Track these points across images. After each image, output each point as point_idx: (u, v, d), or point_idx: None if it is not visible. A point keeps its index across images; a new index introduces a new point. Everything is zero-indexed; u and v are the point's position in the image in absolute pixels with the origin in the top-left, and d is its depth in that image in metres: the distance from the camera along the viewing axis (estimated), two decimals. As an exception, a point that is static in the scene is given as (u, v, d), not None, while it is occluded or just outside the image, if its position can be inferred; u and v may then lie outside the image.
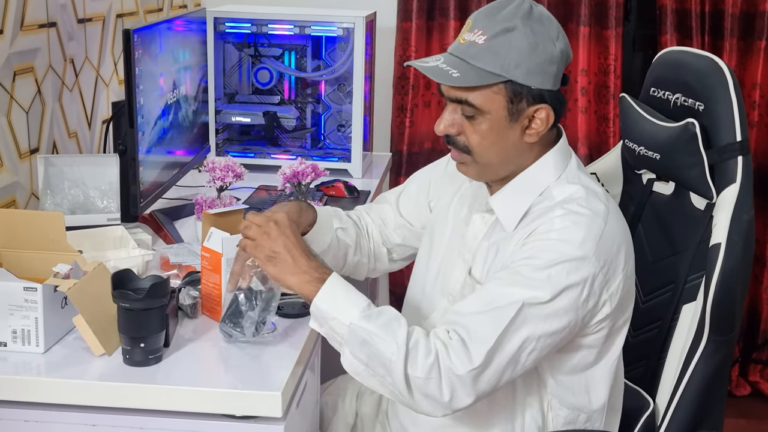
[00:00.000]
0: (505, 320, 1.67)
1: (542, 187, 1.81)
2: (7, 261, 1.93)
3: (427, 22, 3.77)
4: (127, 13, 3.20)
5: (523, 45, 1.71)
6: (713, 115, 1.94)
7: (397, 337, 1.67)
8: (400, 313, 1.74)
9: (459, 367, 1.65)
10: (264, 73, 3.34)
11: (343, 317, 1.70)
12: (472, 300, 1.74)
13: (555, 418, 1.84)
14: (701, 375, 1.89)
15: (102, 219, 2.38)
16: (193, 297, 1.97)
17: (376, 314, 1.71)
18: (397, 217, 2.13)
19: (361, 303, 1.72)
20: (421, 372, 1.65)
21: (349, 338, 1.69)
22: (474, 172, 1.84)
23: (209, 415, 1.68)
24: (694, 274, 1.97)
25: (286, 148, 3.33)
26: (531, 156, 1.82)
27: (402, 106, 3.83)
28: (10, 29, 2.41)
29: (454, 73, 1.73)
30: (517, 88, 1.73)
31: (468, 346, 1.66)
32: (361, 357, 1.69)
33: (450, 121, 1.80)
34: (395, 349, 1.66)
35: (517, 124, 1.76)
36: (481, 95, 1.74)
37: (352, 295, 1.73)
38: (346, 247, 2.08)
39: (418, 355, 1.66)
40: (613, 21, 3.72)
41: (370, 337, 1.68)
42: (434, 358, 1.66)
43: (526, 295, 1.68)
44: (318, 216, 2.00)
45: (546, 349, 1.72)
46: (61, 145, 2.74)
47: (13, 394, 1.69)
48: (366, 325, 1.68)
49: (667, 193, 2.10)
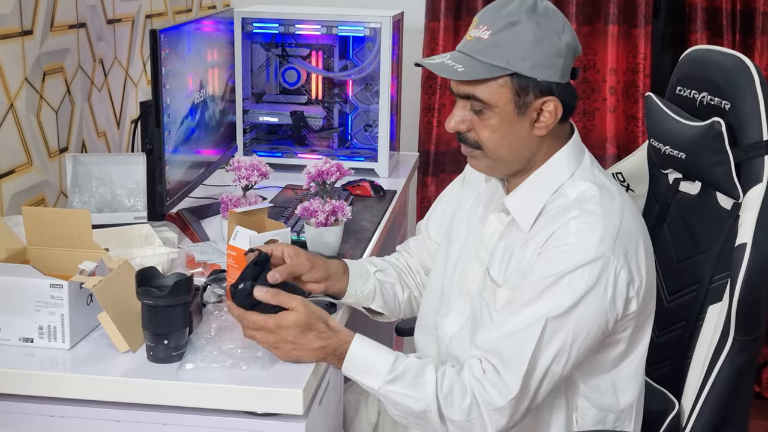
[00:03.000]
0: (533, 341, 1.67)
1: (556, 185, 1.80)
2: (35, 258, 1.95)
3: (454, 21, 3.77)
4: (156, 13, 3.22)
5: (528, 38, 1.72)
6: (739, 114, 1.92)
7: (426, 392, 1.70)
8: (425, 359, 1.78)
9: (498, 400, 1.68)
10: (291, 72, 3.35)
11: (371, 384, 1.74)
12: (498, 323, 1.74)
13: (583, 418, 1.84)
14: (727, 375, 1.87)
15: (129, 217, 2.39)
16: (218, 295, 1.98)
17: (401, 374, 1.73)
18: (429, 242, 2.15)
19: (385, 365, 1.73)
20: (460, 415, 1.69)
21: (383, 400, 1.75)
22: (485, 166, 1.84)
23: (231, 412, 1.69)
24: (719, 274, 1.95)
25: (313, 148, 3.34)
26: (542, 150, 1.82)
27: (429, 106, 3.83)
28: (40, 30, 2.44)
29: (459, 68, 1.74)
30: (523, 81, 1.74)
31: (502, 376, 1.68)
32: (399, 413, 1.74)
33: (460, 117, 1.80)
34: (425, 405, 1.70)
35: (525, 117, 1.77)
36: (488, 89, 1.75)
37: (374, 359, 1.75)
38: (392, 287, 2.11)
39: (454, 400, 1.69)
40: (642, 19, 3.70)
41: (401, 399, 1.72)
42: (471, 398, 1.68)
43: (548, 307, 1.68)
44: (350, 266, 2.03)
45: (582, 355, 1.73)
46: (90, 145, 2.76)
47: (39, 389, 1.71)
48: (393, 388, 1.72)
49: (693, 192, 2.09)
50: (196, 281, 1.89)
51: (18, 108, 2.35)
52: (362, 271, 2.06)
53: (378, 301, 2.07)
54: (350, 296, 2.03)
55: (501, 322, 1.73)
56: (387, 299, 2.09)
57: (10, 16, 2.30)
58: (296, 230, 2.39)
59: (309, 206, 2.28)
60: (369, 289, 2.05)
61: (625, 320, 1.77)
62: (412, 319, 2.20)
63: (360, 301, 2.05)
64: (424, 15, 3.76)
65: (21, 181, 2.38)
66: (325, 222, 2.26)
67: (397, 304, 2.12)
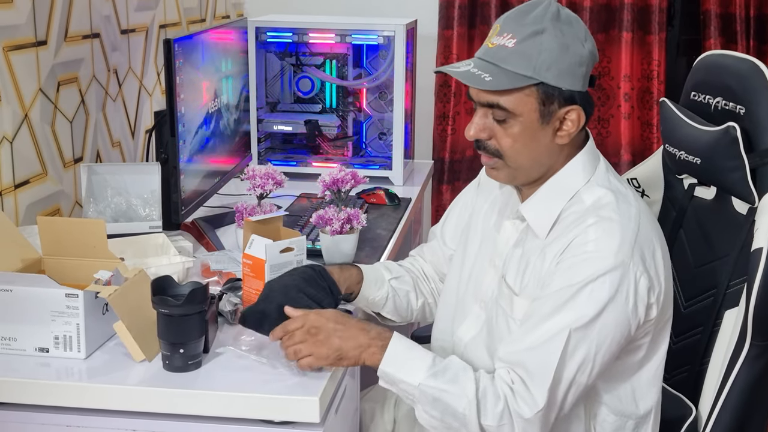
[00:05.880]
0: (557, 353, 1.67)
1: (572, 192, 1.79)
2: (50, 268, 1.95)
3: (468, 29, 3.77)
4: (170, 23, 3.23)
5: (554, 47, 1.71)
6: (754, 119, 1.92)
7: (467, 390, 1.69)
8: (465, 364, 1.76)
9: (526, 411, 1.67)
10: (305, 81, 3.36)
11: (410, 379, 1.72)
12: (521, 334, 1.73)
13: (601, 425, 1.83)
14: (744, 380, 1.86)
15: (144, 227, 2.40)
16: (234, 303, 1.98)
17: (443, 369, 1.72)
18: (444, 248, 2.14)
19: (426, 360, 1.74)
20: (492, 420, 1.68)
21: (420, 397, 1.72)
22: (504, 175, 1.83)
23: (248, 421, 1.68)
24: (736, 279, 1.95)
25: (327, 157, 3.34)
26: (561, 158, 1.81)
27: (444, 114, 3.83)
28: (54, 40, 2.45)
29: (486, 77, 1.72)
30: (549, 90, 1.73)
31: (530, 388, 1.68)
32: (434, 414, 1.72)
33: (481, 125, 1.79)
34: (466, 403, 1.68)
35: (548, 126, 1.76)
36: (513, 98, 1.73)
37: (416, 353, 1.75)
38: (406, 294, 2.11)
39: (487, 404, 1.68)
40: (656, 26, 3.70)
41: (441, 395, 1.70)
42: (504, 405, 1.68)
43: (571, 318, 1.67)
44: (365, 272, 2.04)
45: (606, 363, 1.72)
46: (105, 154, 2.77)
47: (55, 399, 1.71)
48: (435, 383, 1.71)
49: (709, 197, 2.08)
50: (212, 290, 1.89)
51: (33, 118, 2.36)
52: (377, 278, 2.06)
53: (388, 307, 2.07)
54: (362, 300, 2.04)
55: (524, 334, 1.72)
56: (399, 306, 2.09)
57: (24, 26, 2.31)
58: (311, 238, 2.38)
59: (324, 214, 2.28)
60: (381, 296, 2.05)
61: (646, 326, 1.76)
62: (428, 327, 2.20)
63: (370, 306, 2.06)
64: (438, 23, 3.77)
65: (36, 191, 2.39)
66: (340, 230, 2.26)
67: (410, 311, 2.12)
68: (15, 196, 2.30)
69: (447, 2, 3.74)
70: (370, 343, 1.75)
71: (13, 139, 2.27)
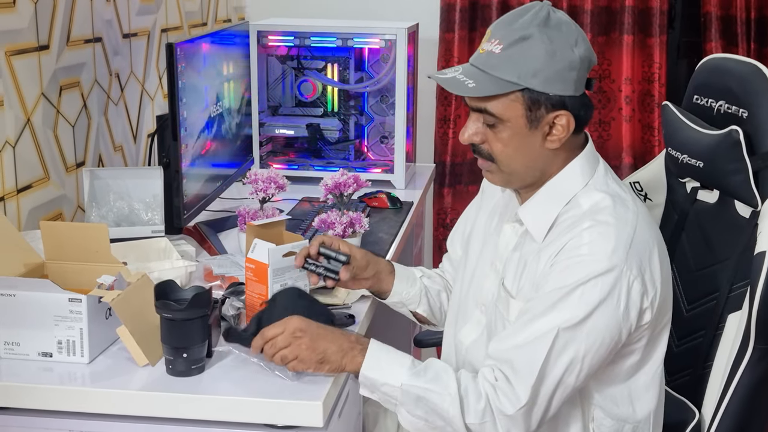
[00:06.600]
0: (544, 351, 1.67)
1: (569, 196, 1.80)
2: (53, 272, 1.96)
3: (469, 33, 3.76)
4: (171, 27, 3.23)
5: (540, 53, 1.71)
6: (757, 122, 1.92)
7: (449, 387, 1.70)
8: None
9: (508, 408, 1.68)
10: (307, 85, 3.36)
11: (393, 380, 1.73)
12: (511, 333, 1.74)
13: (599, 428, 1.83)
14: (747, 383, 1.86)
15: (146, 231, 2.40)
16: (237, 308, 1.98)
17: (424, 369, 1.74)
18: (455, 256, 2.15)
19: (406, 362, 1.75)
20: (475, 418, 1.69)
21: (404, 398, 1.72)
22: (499, 179, 1.84)
23: (251, 425, 1.68)
24: (738, 283, 1.94)
25: (329, 160, 3.34)
26: (557, 162, 1.81)
27: (445, 117, 3.83)
28: (56, 44, 2.45)
29: (470, 83, 1.74)
30: (535, 96, 1.73)
31: (513, 384, 1.68)
32: (419, 414, 1.72)
33: (474, 129, 1.80)
34: (450, 401, 1.69)
35: (537, 131, 1.76)
36: (499, 104, 1.74)
37: (395, 356, 1.77)
38: (437, 293, 2.12)
39: (470, 402, 1.69)
40: (657, 29, 3.69)
41: (424, 393, 1.71)
42: (485, 402, 1.69)
43: (561, 319, 1.68)
44: (396, 268, 2.06)
45: (595, 366, 1.72)
46: (107, 159, 2.77)
47: (58, 404, 1.72)
48: (417, 383, 1.72)
49: (711, 201, 2.08)
50: (215, 294, 1.89)
51: (35, 123, 2.36)
52: (408, 275, 2.08)
53: (423, 305, 2.09)
54: (395, 295, 2.05)
55: (513, 332, 1.73)
56: (432, 305, 2.11)
57: (27, 31, 2.31)
58: (313, 242, 2.38)
59: (326, 218, 2.28)
60: (415, 292, 2.07)
61: (639, 331, 1.76)
62: (429, 331, 2.20)
63: (405, 302, 2.07)
64: (439, 26, 3.76)
65: (38, 195, 2.39)
66: (342, 234, 2.27)
67: (442, 312, 2.13)
68: (17, 201, 2.30)
69: (448, 5, 3.74)
70: (352, 346, 1.76)
71: (16, 143, 2.27)
